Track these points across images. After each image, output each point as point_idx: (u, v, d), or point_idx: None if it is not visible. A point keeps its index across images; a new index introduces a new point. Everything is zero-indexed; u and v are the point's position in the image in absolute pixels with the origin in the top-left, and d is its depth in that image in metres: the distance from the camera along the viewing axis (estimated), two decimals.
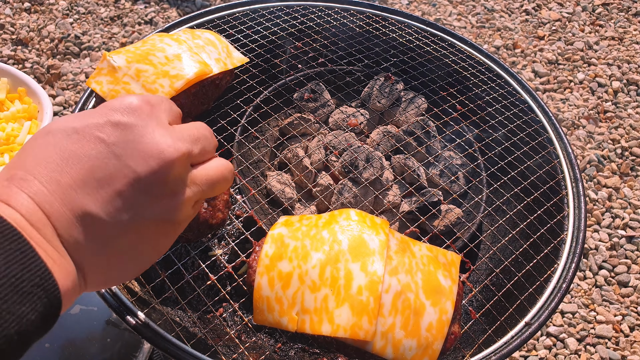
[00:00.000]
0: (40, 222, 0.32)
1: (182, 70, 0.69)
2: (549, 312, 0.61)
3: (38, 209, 0.32)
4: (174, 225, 0.39)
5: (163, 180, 0.35)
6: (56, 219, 0.33)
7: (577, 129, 1.74)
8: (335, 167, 0.80)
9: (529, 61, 1.97)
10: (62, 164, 0.33)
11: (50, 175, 0.33)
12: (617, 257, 1.42)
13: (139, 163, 0.34)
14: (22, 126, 0.91)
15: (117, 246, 0.35)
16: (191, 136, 0.39)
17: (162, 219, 0.37)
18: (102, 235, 0.34)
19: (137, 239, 0.36)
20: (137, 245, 0.37)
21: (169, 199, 0.37)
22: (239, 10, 0.95)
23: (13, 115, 0.91)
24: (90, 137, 0.34)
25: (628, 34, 2.12)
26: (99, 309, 0.95)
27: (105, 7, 2.00)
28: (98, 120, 0.35)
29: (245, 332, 0.75)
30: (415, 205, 0.76)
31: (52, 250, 0.32)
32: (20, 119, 0.92)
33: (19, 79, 0.96)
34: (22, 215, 0.32)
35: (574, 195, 0.75)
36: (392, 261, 0.50)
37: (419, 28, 0.98)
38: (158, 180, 0.35)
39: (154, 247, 0.39)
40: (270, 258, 0.50)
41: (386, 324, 0.47)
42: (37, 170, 0.33)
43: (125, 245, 0.36)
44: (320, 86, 0.90)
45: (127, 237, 0.36)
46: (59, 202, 0.33)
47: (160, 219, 0.37)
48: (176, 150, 0.36)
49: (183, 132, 0.38)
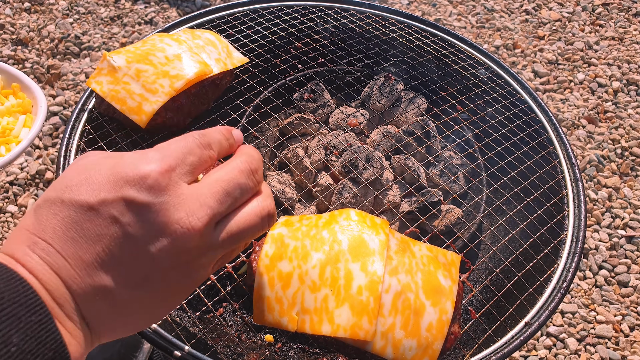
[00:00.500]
0: (63, 297, 0.34)
1: (182, 70, 0.69)
2: (549, 312, 0.61)
3: (62, 284, 0.34)
4: (193, 284, 0.39)
5: (176, 254, 0.36)
6: (78, 294, 0.34)
7: (577, 129, 1.74)
8: (335, 167, 0.80)
9: (529, 61, 1.97)
10: (81, 241, 0.35)
11: (72, 251, 0.34)
12: (617, 257, 1.42)
13: (151, 242, 0.35)
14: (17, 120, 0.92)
15: (134, 311, 0.37)
16: (218, 194, 0.37)
17: (179, 282, 0.37)
18: (120, 306, 0.36)
19: (154, 302, 0.37)
20: (154, 306, 0.38)
21: (185, 266, 0.37)
22: (239, 10, 0.95)
23: (8, 109, 0.92)
24: (105, 216, 0.35)
25: (628, 34, 2.12)
26: None
27: (105, 7, 2.00)
28: (112, 197, 0.35)
29: (245, 332, 0.75)
30: (415, 205, 0.76)
31: (71, 324, 0.34)
32: (15, 113, 0.93)
33: (13, 75, 0.97)
34: (46, 289, 0.33)
35: (574, 195, 0.75)
36: (392, 261, 0.50)
37: (419, 28, 0.98)
38: (171, 255, 0.36)
39: (170, 304, 0.39)
40: (270, 258, 0.50)
41: (386, 324, 0.47)
42: (58, 245, 0.34)
43: (142, 309, 0.37)
44: (320, 86, 0.90)
45: (144, 302, 0.37)
46: (81, 278, 0.34)
47: (177, 282, 0.37)
48: (190, 227, 0.35)
49: (207, 192, 0.37)
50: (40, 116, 0.89)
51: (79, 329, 0.35)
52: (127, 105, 0.67)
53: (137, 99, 0.67)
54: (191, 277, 0.38)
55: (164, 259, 0.35)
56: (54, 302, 0.33)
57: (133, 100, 0.67)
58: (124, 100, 0.67)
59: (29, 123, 0.92)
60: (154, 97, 0.67)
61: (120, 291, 0.35)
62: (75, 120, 0.75)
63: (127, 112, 0.67)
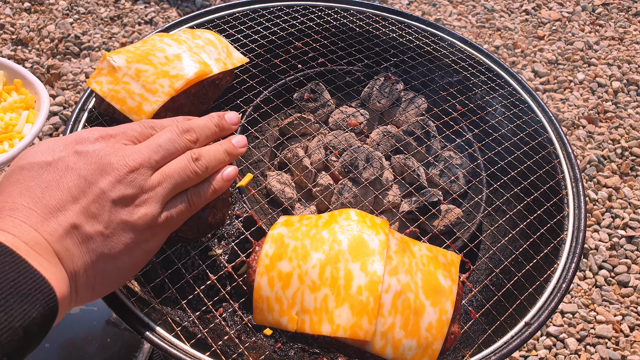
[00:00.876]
0: (33, 240, 0.39)
1: (182, 70, 0.69)
2: (548, 312, 0.61)
3: (31, 229, 0.40)
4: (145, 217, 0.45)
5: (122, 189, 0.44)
6: (49, 234, 0.40)
7: (577, 129, 1.74)
8: (335, 167, 0.80)
9: (529, 61, 1.97)
10: (45, 191, 0.42)
11: (37, 201, 0.41)
12: (617, 257, 1.42)
13: (99, 179, 0.44)
14: (20, 116, 0.92)
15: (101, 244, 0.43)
16: (151, 146, 0.47)
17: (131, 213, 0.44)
18: (87, 239, 0.42)
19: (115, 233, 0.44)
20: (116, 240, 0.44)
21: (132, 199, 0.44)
22: (239, 10, 0.95)
23: (10, 105, 0.92)
24: (61, 167, 0.44)
25: (628, 34, 2.12)
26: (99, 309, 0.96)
27: (105, 7, 2.00)
28: (65, 153, 0.44)
29: (245, 332, 0.75)
30: (415, 205, 0.76)
31: (46, 262, 0.39)
32: (18, 109, 0.93)
33: (15, 71, 0.97)
34: (16, 236, 0.39)
35: (574, 195, 0.75)
36: (392, 261, 0.50)
37: (419, 28, 0.98)
38: (117, 189, 0.44)
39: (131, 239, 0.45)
40: (270, 258, 0.50)
41: (386, 324, 0.47)
42: (23, 199, 0.41)
43: (107, 241, 0.43)
44: (320, 86, 0.90)
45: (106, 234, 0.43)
46: (49, 220, 0.41)
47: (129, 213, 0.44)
48: (126, 164, 0.45)
49: (142, 146, 0.47)
50: (43, 112, 0.90)
51: (56, 267, 0.40)
52: (127, 105, 0.67)
53: (137, 99, 0.67)
54: (141, 211, 0.45)
55: (112, 191, 0.43)
56: (27, 246, 0.38)
57: (133, 100, 0.67)
58: (124, 100, 0.67)
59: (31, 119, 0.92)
60: (153, 97, 0.67)
61: (83, 224, 0.42)
62: (75, 120, 0.75)
63: (127, 112, 0.67)
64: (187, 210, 0.49)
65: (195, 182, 0.50)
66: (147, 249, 0.47)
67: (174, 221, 0.48)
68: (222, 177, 0.52)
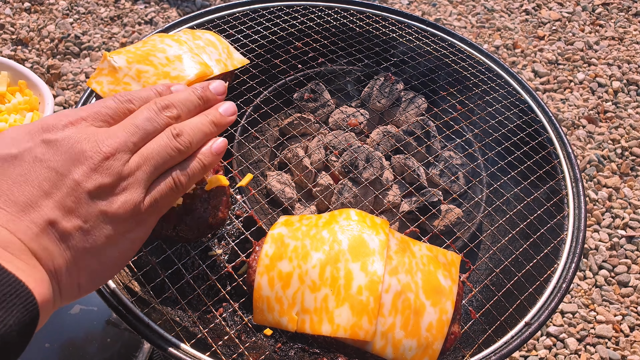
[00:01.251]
0: (5, 241, 0.36)
1: (182, 71, 0.69)
2: (549, 312, 0.61)
3: (2, 229, 0.36)
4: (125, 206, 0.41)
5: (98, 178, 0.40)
6: (23, 233, 0.37)
7: (577, 129, 1.74)
8: (335, 167, 0.80)
9: (529, 61, 1.97)
10: (14, 187, 0.38)
11: (5, 198, 0.37)
12: (617, 257, 1.42)
13: (72, 169, 0.40)
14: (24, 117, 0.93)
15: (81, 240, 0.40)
16: (128, 128, 0.43)
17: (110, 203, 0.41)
18: (66, 235, 0.39)
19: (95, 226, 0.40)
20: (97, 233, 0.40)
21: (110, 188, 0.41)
22: (239, 10, 0.95)
23: (15, 107, 0.93)
24: (29, 159, 0.39)
25: (628, 34, 2.12)
26: (99, 309, 0.95)
27: (105, 7, 2.00)
28: (32, 144, 0.40)
29: (245, 332, 0.75)
30: (415, 205, 0.76)
31: (22, 263, 0.36)
32: (22, 110, 0.93)
33: (19, 72, 0.97)
34: None
35: (574, 195, 0.75)
36: (392, 261, 0.50)
37: (419, 28, 0.98)
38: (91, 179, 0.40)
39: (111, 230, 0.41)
40: (270, 258, 0.50)
41: (386, 324, 0.47)
42: None
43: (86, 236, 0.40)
44: (320, 86, 0.90)
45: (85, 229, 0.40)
46: (21, 218, 0.37)
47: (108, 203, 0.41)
48: (100, 151, 0.41)
49: (117, 128, 0.43)
50: (47, 114, 0.90)
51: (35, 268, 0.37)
52: None
53: None
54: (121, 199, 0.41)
55: (87, 181, 0.40)
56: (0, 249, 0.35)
57: None
58: None
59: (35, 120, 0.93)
60: None
61: (59, 220, 0.38)
62: None
63: None
64: (174, 191, 0.45)
65: (179, 160, 0.45)
66: (134, 238, 0.43)
67: (160, 205, 0.44)
68: (211, 150, 0.47)
